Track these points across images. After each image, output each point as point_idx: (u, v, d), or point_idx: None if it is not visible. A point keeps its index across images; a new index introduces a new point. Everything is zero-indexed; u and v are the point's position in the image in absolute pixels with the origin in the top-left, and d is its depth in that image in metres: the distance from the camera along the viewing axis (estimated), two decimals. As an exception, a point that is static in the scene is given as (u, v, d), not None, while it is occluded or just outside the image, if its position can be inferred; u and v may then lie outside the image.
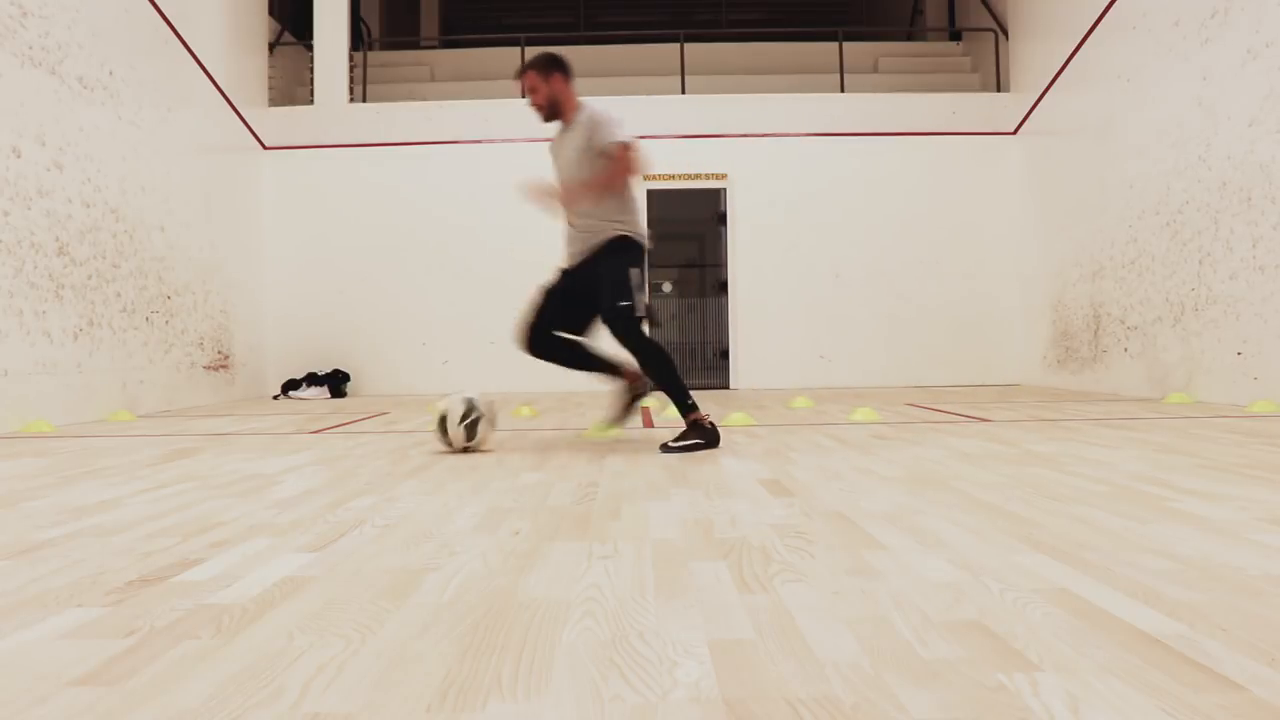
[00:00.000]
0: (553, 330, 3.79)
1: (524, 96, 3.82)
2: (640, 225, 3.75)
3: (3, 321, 4.81)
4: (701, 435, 3.50)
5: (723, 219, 8.69)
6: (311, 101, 8.78)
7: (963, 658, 1.12)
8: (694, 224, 9.44)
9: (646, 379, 3.79)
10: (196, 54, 7.16)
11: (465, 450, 3.48)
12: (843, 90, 8.81)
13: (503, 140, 8.59)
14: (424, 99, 9.03)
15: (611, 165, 3.62)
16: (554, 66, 3.78)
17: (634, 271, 3.62)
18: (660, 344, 3.72)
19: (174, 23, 6.81)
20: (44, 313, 5.15)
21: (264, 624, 1.30)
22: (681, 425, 3.71)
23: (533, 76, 3.74)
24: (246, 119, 8.12)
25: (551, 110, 3.80)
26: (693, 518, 2.08)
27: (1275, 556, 1.61)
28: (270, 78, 8.73)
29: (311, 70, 8.80)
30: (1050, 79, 7.77)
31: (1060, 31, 7.59)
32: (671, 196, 8.66)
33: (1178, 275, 5.96)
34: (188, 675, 1.10)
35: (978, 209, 8.57)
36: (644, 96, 8.77)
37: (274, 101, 8.77)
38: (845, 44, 9.12)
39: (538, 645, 1.19)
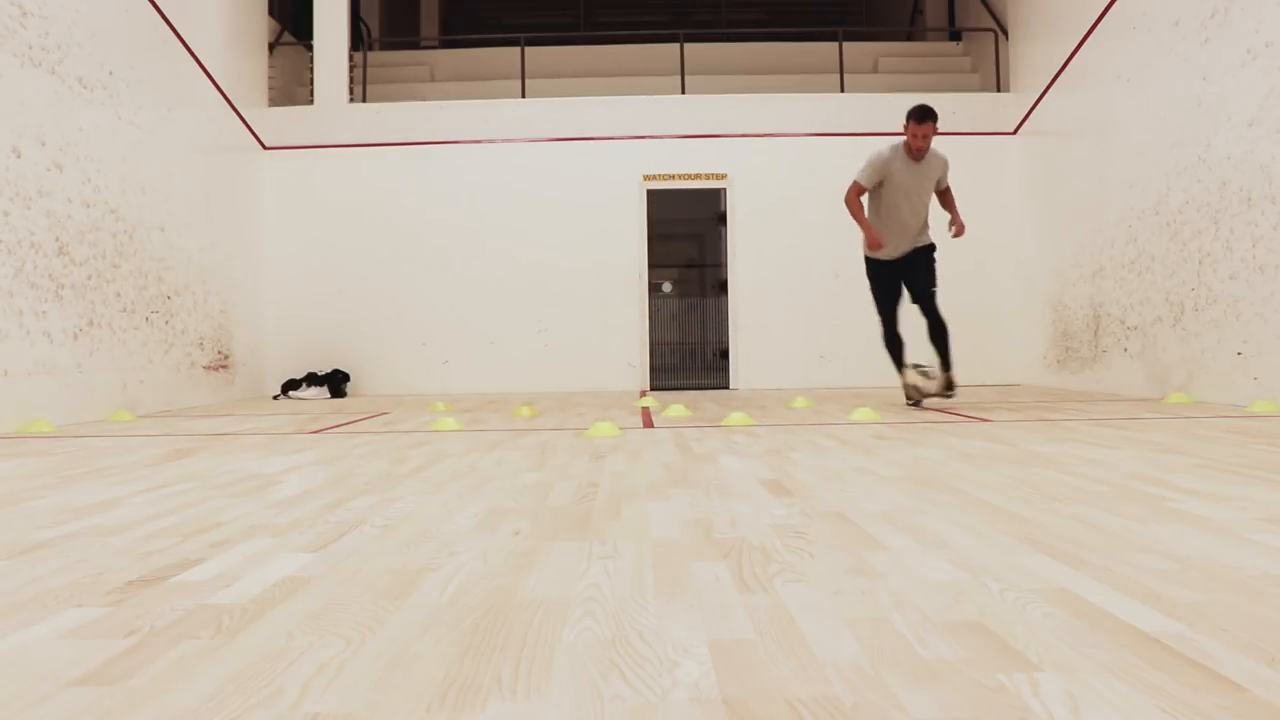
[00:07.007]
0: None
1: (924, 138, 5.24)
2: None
3: (3, 321, 4.81)
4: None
5: (723, 219, 8.69)
6: (311, 101, 8.78)
7: (963, 658, 1.12)
8: (694, 224, 9.45)
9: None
10: (196, 54, 7.16)
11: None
12: (843, 90, 8.81)
13: (503, 140, 8.59)
14: (424, 99, 9.03)
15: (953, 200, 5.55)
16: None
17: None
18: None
19: (174, 23, 6.81)
20: (44, 313, 5.15)
21: (264, 624, 1.30)
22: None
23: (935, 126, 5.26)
24: (246, 119, 8.12)
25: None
26: (693, 518, 2.08)
27: (1275, 556, 1.61)
28: (270, 78, 8.73)
29: (311, 70, 8.80)
30: (1050, 79, 7.77)
31: (1060, 31, 7.59)
32: (671, 196, 8.66)
33: (1178, 275, 5.96)
34: (188, 675, 1.10)
35: (978, 209, 8.53)
36: (644, 96, 8.77)
37: (274, 101, 8.77)
38: (845, 44, 9.12)
39: (538, 645, 1.19)
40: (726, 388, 8.52)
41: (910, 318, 5.58)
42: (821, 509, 2.16)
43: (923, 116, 5.25)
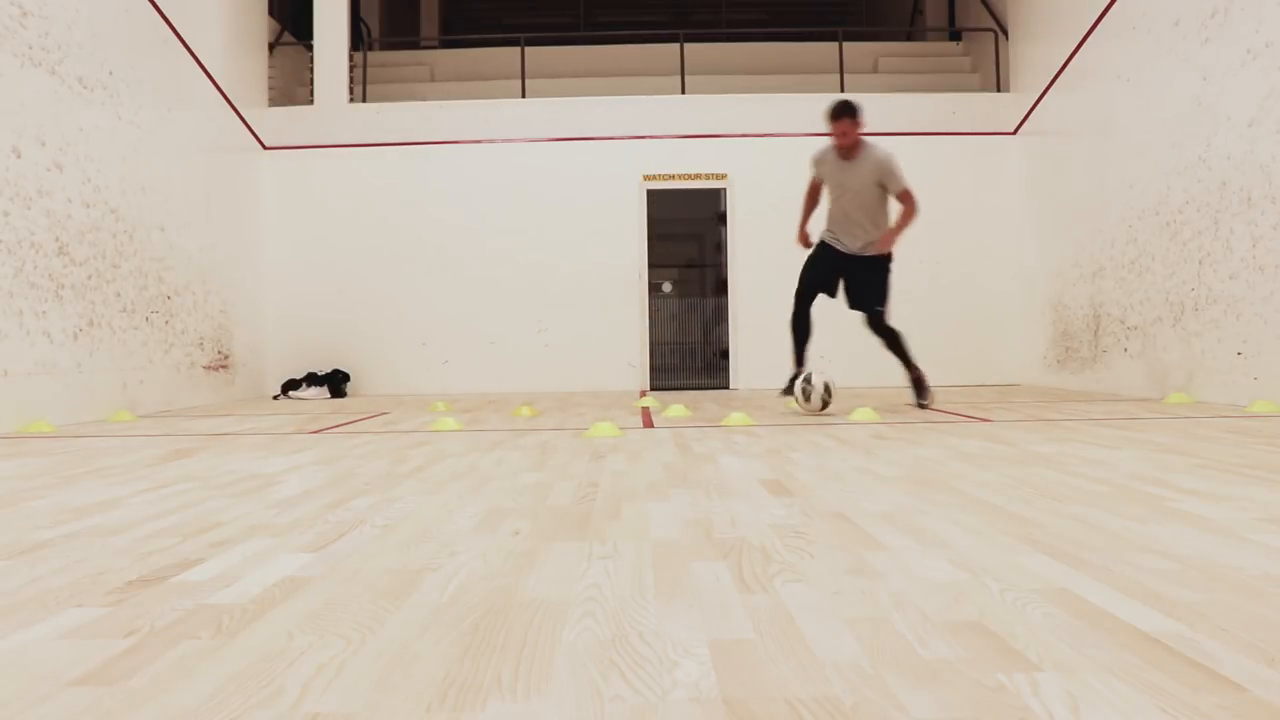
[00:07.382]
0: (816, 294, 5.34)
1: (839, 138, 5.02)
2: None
3: (3, 321, 4.81)
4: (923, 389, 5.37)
5: (723, 219, 8.69)
6: (311, 101, 8.78)
7: (963, 658, 1.12)
8: (694, 224, 9.44)
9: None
10: (196, 54, 7.16)
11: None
12: (843, 90, 8.79)
13: (503, 140, 8.59)
14: (424, 99, 9.03)
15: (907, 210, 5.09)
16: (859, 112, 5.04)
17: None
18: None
19: (174, 23, 6.81)
20: (44, 313, 5.15)
21: (264, 624, 1.30)
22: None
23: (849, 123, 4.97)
24: (246, 119, 8.12)
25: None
26: (693, 518, 2.08)
27: (1275, 556, 1.61)
28: (270, 78, 8.73)
29: (311, 70, 8.80)
30: (1050, 79, 7.77)
31: (1060, 31, 7.59)
32: (671, 196, 8.66)
33: (1178, 275, 5.96)
34: (188, 675, 1.10)
35: (978, 209, 8.57)
36: (644, 96, 8.77)
37: (274, 101, 8.77)
38: (845, 44, 9.12)
39: (538, 645, 1.19)
40: (726, 388, 8.52)
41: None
42: (821, 509, 2.16)
43: (835, 114, 5.01)
